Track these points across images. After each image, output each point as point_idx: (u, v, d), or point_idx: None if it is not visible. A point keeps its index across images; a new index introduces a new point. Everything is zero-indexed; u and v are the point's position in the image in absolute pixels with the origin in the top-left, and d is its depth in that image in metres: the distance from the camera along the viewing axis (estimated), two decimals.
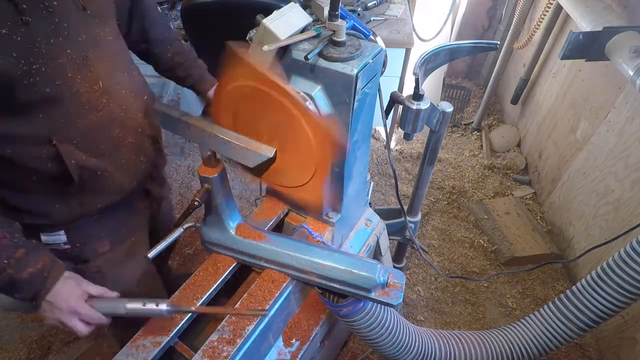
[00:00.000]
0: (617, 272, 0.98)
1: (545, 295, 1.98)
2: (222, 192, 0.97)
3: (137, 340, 0.88)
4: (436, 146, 1.39)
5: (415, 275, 2.07)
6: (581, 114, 2.04)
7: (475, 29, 3.10)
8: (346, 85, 0.82)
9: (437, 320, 1.90)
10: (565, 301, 1.08)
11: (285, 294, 1.00)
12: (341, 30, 0.82)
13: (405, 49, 2.13)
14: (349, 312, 0.99)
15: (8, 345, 1.80)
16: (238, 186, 2.51)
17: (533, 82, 2.56)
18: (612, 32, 1.47)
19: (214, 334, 0.89)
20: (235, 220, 1.03)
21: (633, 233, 1.09)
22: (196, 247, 2.18)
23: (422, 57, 1.20)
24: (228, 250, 1.03)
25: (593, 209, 1.89)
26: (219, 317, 0.99)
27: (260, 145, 0.97)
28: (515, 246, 2.10)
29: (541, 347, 1.11)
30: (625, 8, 1.67)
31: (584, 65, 2.00)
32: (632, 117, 1.64)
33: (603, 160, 1.82)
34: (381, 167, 2.64)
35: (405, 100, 1.20)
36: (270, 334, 1.03)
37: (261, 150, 0.97)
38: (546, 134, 2.38)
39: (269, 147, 0.97)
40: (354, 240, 1.29)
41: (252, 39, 0.85)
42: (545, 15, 2.21)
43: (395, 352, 1.08)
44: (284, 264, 0.98)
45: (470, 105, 3.09)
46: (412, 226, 1.66)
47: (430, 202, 2.43)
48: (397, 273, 0.96)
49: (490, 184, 2.53)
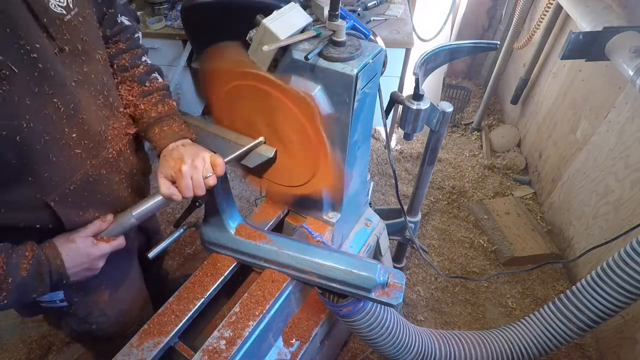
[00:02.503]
0: (617, 272, 0.98)
1: (545, 295, 1.98)
2: (222, 192, 0.97)
3: (137, 340, 0.88)
4: (436, 146, 1.39)
5: (415, 275, 2.07)
6: (581, 114, 2.04)
7: (475, 29, 3.10)
8: (346, 85, 0.82)
9: (437, 320, 1.90)
10: (565, 301, 1.08)
11: (285, 294, 1.00)
12: (341, 30, 0.82)
13: (405, 49, 2.14)
14: (349, 312, 0.99)
15: (8, 345, 1.80)
16: (238, 186, 2.51)
17: (533, 82, 2.56)
18: (612, 32, 1.47)
19: (214, 334, 0.89)
20: (235, 220, 1.03)
21: (633, 233, 1.09)
22: (196, 247, 2.18)
23: (422, 57, 1.20)
24: (228, 250, 1.03)
25: (593, 209, 1.89)
26: (218, 317, 0.99)
27: (261, 145, 0.98)
28: (515, 246, 2.10)
29: (541, 347, 1.11)
30: (625, 8, 1.67)
31: (584, 65, 2.00)
32: (632, 117, 1.64)
33: (603, 160, 1.82)
34: (381, 167, 2.64)
35: (405, 100, 1.20)
36: (270, 334, 1.03)
37: (261, 150, 0.97)
38: (546, 134, 2.38)
39: (269, 147, 0.98)
40: (354, 240, 1.29)
41: (252, 39, 0.85)
42: (545, 15, 2.21)
43: (395, 352, 1.08)
44: (284, 264, 0.98)
45: (470, 105, 3.09)
46: (412, 226, 1.66)
47: (430, 202, 2.43)
48: (397, 273, 0.96)
49: (490, 184, 2.53)
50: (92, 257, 0.83)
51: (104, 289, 1.03)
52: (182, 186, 0.81)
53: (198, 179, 0.81)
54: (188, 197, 0.83)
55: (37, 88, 0.69)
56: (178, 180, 0.82)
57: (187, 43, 2.27)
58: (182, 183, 0.81)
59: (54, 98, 0.72)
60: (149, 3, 2.28)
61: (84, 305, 1.01)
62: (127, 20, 0.97)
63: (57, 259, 0.80)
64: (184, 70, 2.37)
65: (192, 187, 0.82)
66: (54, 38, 0.71)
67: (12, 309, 0.92)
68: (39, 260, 0.77)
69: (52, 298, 0.94)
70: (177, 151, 0.86)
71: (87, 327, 1.06)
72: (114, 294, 1.06)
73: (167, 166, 0.84)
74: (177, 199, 0.82)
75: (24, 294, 0.77)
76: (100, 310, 1.04)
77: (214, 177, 0.84)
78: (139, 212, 0.86)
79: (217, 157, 0.85)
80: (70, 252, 0.81)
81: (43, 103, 0.70)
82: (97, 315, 1.05)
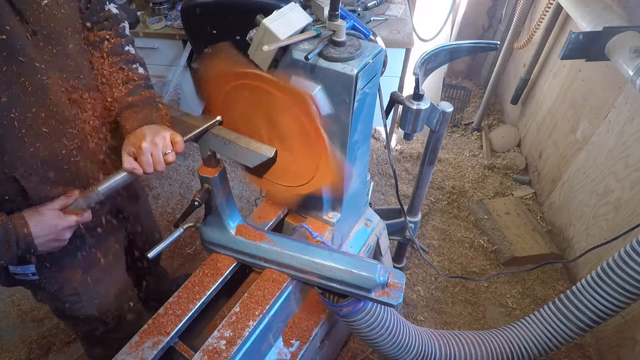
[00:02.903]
0: (617, 272, 0.98)
1: (545, 295, 1.98)
2: (222, 192, 0.97)
3: (137, 340, 0.88)
4: (436, 146, 1.39)
5: (415, 275, 2.07)
6: (581, 114, 2.04)
7: (475, 29, 3.10)
8: (346, 85, 0.82)
9: (437, 320, 1.90)
10: (565, 301, 1.08)
11: (285, 294, 1.00)
12: (341, 30, 0.82)
13: (405, 49, 2.13)
14: (349, 312, 0.99)
15: (8, 345, 1.80)
16: (238, 186, 2.51)
17: (533, 82, 2.56)
18: (612, 32, 1.47)
19: (214, 334, 0.89)
20: (235, 220, 1.03)
21: (633, 233, 1.09)
22: (196, 247, 2.18)
23: (422, 57, 1.20)
24: (228, 250, 1.03)
25: (593, 209, 1.89)
26: (218, 317, 0.99)
27: (261, 145, 0.97)
28: (515, 246, 2.10)
29: (541, 347, 1.11)
30: (625, 8, 1.67)
31: (584, 65, 2.00)
32: (632, 117, 1.64)
33: (603, 160, 1.82)
34: (381, 167, 2.64)
35: (405, 100, 1.20)
36: (270, 334, 1.03)
37: (261, 150, 0.97)
38: (546, 134, 2.38)
39: (269, 147, 0.97)
40: (354, 240, 1.29)
41: (252, 39, 0.85)
42: (545, 15, 2.21)
43: (395, 352, 1.08)
44: (284, 264, 0.98)
45: (470, 105, 3.09)
46: (412, 226, 1.66)
47: (430, 202, 2.43)
48: (397, 273, 0.96)
49: (490, 184, 2.53)
50: (59, 228, 0.87)
51: (76, 267, 1.06)
52: (143, 161, 0.85)
53: (157, 155, 0.86)
54: (149, 172, 0.87)
55: (4, 67, 0.73)
56: (139, 156, 0.86)
57: (187, 43, 2.27)
58: (143, 158, 0.85)
59: (21, 77, 0.76)
60: (149, 3, 2.29)
61: (54, 280, 1.04)
62: (115, 8, 1.00)
63: (24, 227, 0.83)
64: (184, 70, 2.37)
65: (152, 162, 0.86)
66: (28, 22, 0.75)
67: None
68: (6, 228, 0.80)
69: (24, 271, 0.98)
70: (140, 130, 0.90)
71: (60, 305, 1.09)
72: (87, 274, 1.08)
73: (129, 143, 0.88)
74: (139, 173, 0.86)
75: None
76: (72, 289, 1.07)
77: (172, 154, 0.88)
78: (105, 187, 0.88)
79: (176, 134, 0.89)
80: (38, 223, 0.84)
81: (10, 82, 0.74)
82: (69, 293, 1.07)
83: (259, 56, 0.85)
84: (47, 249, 0.88)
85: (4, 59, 0.73)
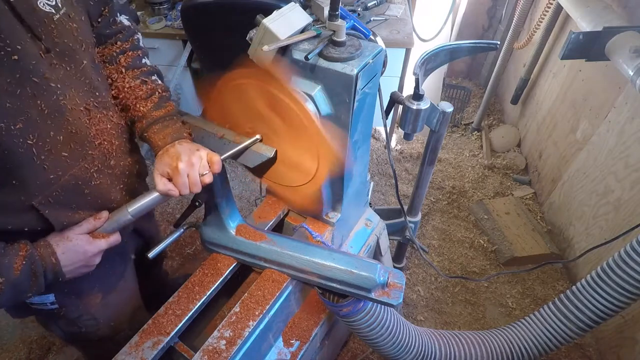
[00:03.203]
0: (617, 272, 0.98)
1: (545, 295, 1.98)
2: (222, 192, 0.97)
3: (137, 340, 0.88)
4: (436, 146, 1.39)
5: (415, 275, 2.07)
6: (581, 114, 2.04)
7: (475, 29, 3.10)
8: (346, 85, 0.82)
9: (437, 320, 1.90)
10: (565, 301, 1.08)
11: (285, 294, 1.00)
12: (341, 30, 0.82)
13: (405, 49, 2.13)
14: (349, 312, 0.99)
15: (8, 345, 1.80)
16: (238, 186, 2.51)
17: (533, 82, 2.56)
18: (612, 32, 1.47)
19: (214, 334, 0.89)
20: (235, 220, 1.03)
21: (633, 233, 1.09)
22: (196, 247, 2.18)
23: (422, 57, 1.20)
24: (228, 250, 1.03)
25: (593, 209, 1.89)
26: (218, 317, 0.99)
27: (261, 145, 0.98)
28: (515, 246, 2.10)
29: (541, 347, 1.11)
30: (625, 8, 1.67)
31: (584, 65, 2.00)
32: (632, 117, 1.64)
33: (603, 160, 1.82)
34: (381, 167, 2.64)
35: (405, 100, 1.20)
36: (270, 334, 1.03)
37: (261, 150, 0.97)
38: (546, 134, 2.38)
39: (269, 147, 0.98)
40: (354, 240, 1.29)
41: (252, 39, 0.85)
42: (545, 15, 2.21)
43: (395, 352, 1.08)
44: (284, 264, 0.98)
45: (470, 105, 3.09)
46: (412, 226, 1.66)
47: (430, 202, 2.43)
48: (397, 273, 0.96)
49: (490, 184, 2.53)
50: (89, 255, 0.83)
51: (97, 292, 1.02)
52: (179, 183, 0.81)
53: (194, 176, 0.81)
54: (184, 194, 0.83)
55: (18, 90, 0.67)
56: (174, 177, 0.81)
57: (187, 43, 2.27)
58: (179, 180, 0.81)
59: (37, 100, 0.70)
60: (149, 3, 2.28)
61: (74, 308, 1.00)
62: (126, 20, 0.95)
63: (51, 257, 0.78)
64: (184, 70, 2.37)
65: (189, 184, 0.82)
66: (40, 38, 0.69)
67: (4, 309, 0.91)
68: (32, 259, 0.75)
69: (42, 300, 0.93)
70: (173, 149, 0.86)
71: (76, 330, 1.05)
72: (106, 298, 1.04)
73: (164, 163, 0.84)
74: (174, 194, 0.82)
75: (17, 294, 0.75)
76: (90, 314, 1.03)
77: (210, 175, 0.84)
78: (135, 209, 0.85)
79: (213, 154, 0.85)
80: (66, 250, 0.80)
81: (25, 105, 0.68)
82: (87, 318, 1.03)
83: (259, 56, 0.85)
84: (75, 275, 0.84)
85: (17, 81, 0.66)
